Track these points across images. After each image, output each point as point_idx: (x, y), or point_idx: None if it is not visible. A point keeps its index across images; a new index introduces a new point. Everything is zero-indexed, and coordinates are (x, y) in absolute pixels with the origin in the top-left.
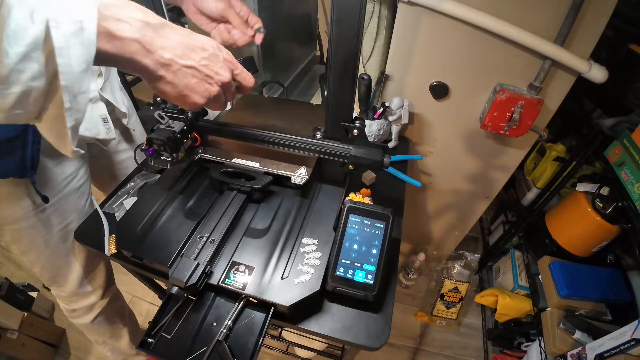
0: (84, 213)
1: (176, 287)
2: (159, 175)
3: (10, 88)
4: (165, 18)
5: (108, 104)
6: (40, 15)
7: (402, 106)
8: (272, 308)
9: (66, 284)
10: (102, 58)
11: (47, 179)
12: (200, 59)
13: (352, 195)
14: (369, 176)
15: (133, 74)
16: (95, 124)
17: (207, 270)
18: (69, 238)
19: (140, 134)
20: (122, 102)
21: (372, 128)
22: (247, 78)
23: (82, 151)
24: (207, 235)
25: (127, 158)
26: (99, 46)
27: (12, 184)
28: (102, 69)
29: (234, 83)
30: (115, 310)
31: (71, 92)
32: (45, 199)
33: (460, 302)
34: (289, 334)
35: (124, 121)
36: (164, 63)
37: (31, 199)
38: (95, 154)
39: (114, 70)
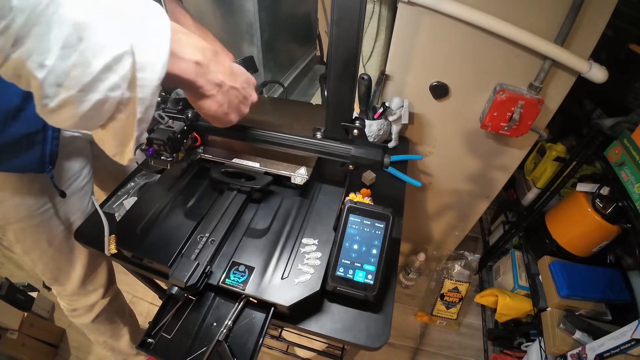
0: (86, 213)
1: (176, 287)
2: (159, 175)
3: (88, 95)
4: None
5: None
6: (126, 30)
7: (402, 106)
8: (272, 308)
9: (68, 283)
10: (168, 76)
11: (55, 177)
12: (241, 82)
13: (352, 195)
14: (369, 176)
15: (187, 91)
16: None
17: (207, 270)
18: (72, 237)
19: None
20: None
21: (372, 128)
22: (255, 98)
23: (138, 160)
24: (207, 235)
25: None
26: (168, 66)
27: (17, 183)
28: None
29: None
30: (116, 310)
31: (144, 104)
32: (63, 194)
33: (460, 302)
34: (289, 334)
35: None
36: (217, 84)
37: (36, 198)
38: (98, 153)
39: None
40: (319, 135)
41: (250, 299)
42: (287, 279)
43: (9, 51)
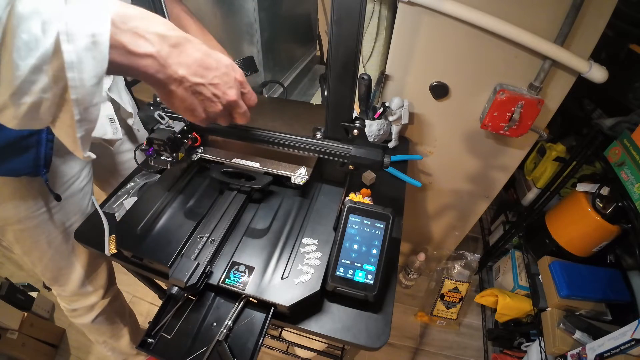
0: (86, 214)
1: (176, 287)
2: (159, 175)
3: (22, 98)
4: (166, 17)
5: (113, 103)
6: (53, 28)
7: (402, 106)
8: (272, 308)
9: (68, 284)
10: (115, 69)
11: (52, 179)
12: (212, 77)
13: (352, 195)
14: (369, 176)
15: (149, 85)
16: (102, 124)
17: (207, 270)
18: (72, 238)
19: (144, 135)
20: (128, 102)
21: (372, 128)
22: (252, 98)
23: (94, 156)
24: (207, 235)
25: (129, 158)
26: (112, 58)
27: (17, 184)
28: None
29: (243, 104)
30: (116, 310)
31: (82, 105)
32: (58, 197)
33: (460, 302)
34: (289, 334)
35: (129, 121)
36: (176, 79)
37: (35, 200)
38: (99, 154)
39: None
40: (319, 135)
41: (250, 299)
42: (287, 279)
43: None
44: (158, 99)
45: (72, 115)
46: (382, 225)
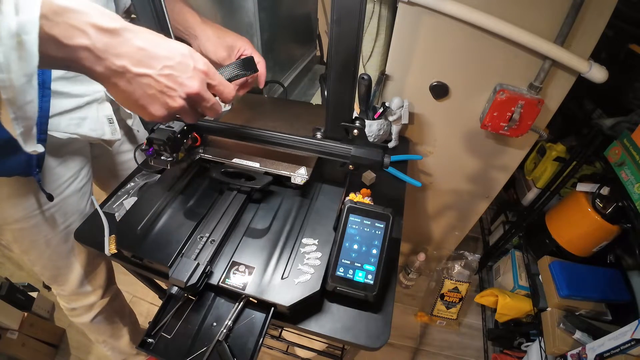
0: (85, 214)
1: (176, 287)
2: (159, 176)
3: None
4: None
5: (112, 104)
6: None
7: (402, 106)
8: (272, 308)
9: (67, 284)
10: (51, 63)
11: (50, 179)
12: (162, 67)
13: (352, 195)
14: (369, 176)
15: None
16: (100, 124)
17: (207, 270)
18: (70, 238)
19: (143, 135)
20: None
21: (372, 128)
22: (225, 91)
23: (42, 149)
24: (207, 235)
25: (129, 159)
26: (45, 52)
27: (14, 184)
28: None
29: (211, 96)
30: (115, 310)
31: (15, 104)
32: (50, 197)
33: (460, 302)
34: (289, 334)
35: (129, 122)
36: (116, 71)
37: (33, 199)
38: (98, 155)
39: None
40: (319, 135)
41: (250, 299)
42: (287, 279)
43: None
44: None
45: (5, 115)
46: (382, 225)
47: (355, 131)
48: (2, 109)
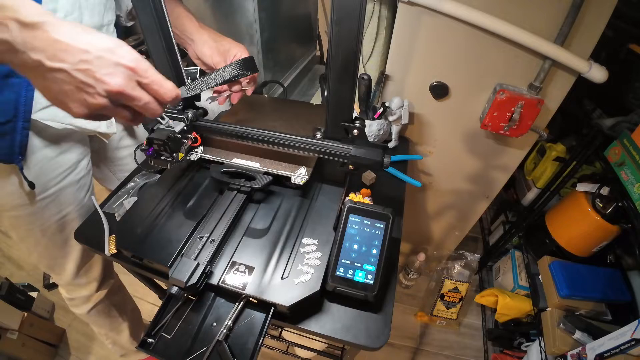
0: (83, 205)
1: (176, 287)
2: (159, 176)
3: None
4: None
5: None
6: None
7: (402, 106)
8: (272, 308)
9: (63, 274)
10: None
11: (46, 169)
12: (77, 61)
13: (352, 195)
14: (369, 176)
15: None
16: None
17: (207, 270)
18: (66, 229)
19: (143, 131)
20: None
21: (372, 128)
22: (160, 90)
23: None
24: (207, 235)
25: (129, 154)
26: None
27: (9, 172)
28: None
29: (142, 94)
30: (114, 304)
31: None
32: (32, 185)
33: (460, 302)
34: (289, 334)
35: None
36: (31, 65)
37: (29, 187)
38: (98, 149)
39: None
40: (319, 135)
41: (250, 299)
42: (287, 279)
43: None
44: None
45: None
46: (382, 225)
47: (355, 131)
48: None
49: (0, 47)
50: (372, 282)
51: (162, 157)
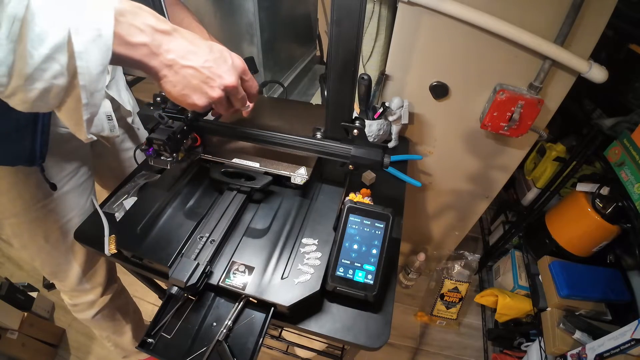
0: (85, 210)
1: (176, 287)
2: (159, 176)
3: (34, 84)
4: (165, 17)
5: (113, 102)
6: (63, 22)
7: (402, 106)
8: (272, 308)
9: (66, 280)
10: (115, 59)
11: (48, 174)
12: (204, 61)
13: (352, 195)
14: (369, 176)
15: (142, 74)
16: (100, 120)
17: (207, 270)
18: (69, 235)
19: (144, 133)
20: (128, 101)
21: (372, 128)
22: (253, 86)
23: (95, 137)
24: (207, 235)
25: (130, 157)
26: (113, 49)
27: (13, 177)
28: (109, 67)
29: (242, 89)
30: (118, 307)
31: (88, 91)
32: (54, 187)
33: (460, 302)
34: (289, 334)
35: (129, 120)
36: (167, 64)
37: (32, 194)
38: (99, 152)
39: (119, 69)
40: (319, 135)
41: (250, 299)
42: (287, 279)
43: None
44: (158, 99)
45: (77, 100)
46: (382, 225)
47: (355, 131)
48: (69, 98)
49: (140, 51)
50: (372, 282)
51: (162, 157)
